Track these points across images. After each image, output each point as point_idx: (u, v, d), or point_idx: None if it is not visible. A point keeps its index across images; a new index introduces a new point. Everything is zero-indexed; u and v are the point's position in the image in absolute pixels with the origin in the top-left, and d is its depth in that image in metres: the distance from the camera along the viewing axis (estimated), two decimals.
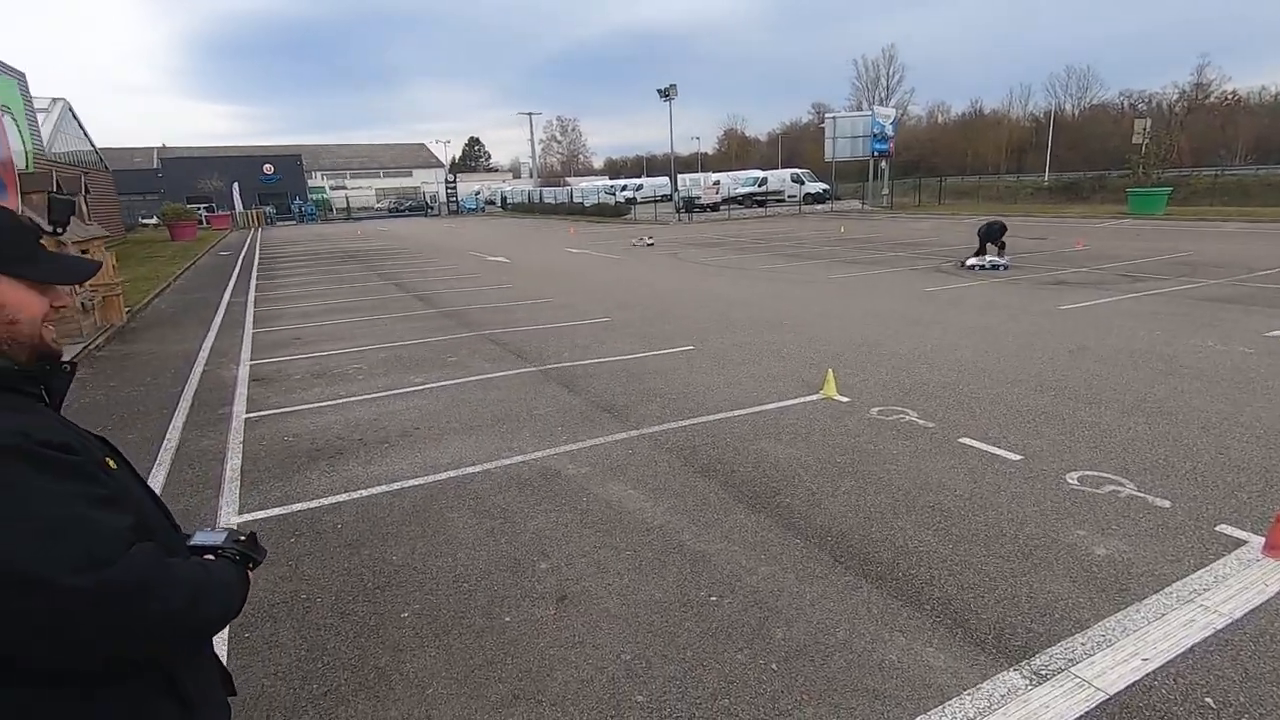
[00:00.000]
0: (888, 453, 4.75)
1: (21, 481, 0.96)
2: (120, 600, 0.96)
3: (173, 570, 1.06)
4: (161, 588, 1.01)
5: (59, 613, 0.93)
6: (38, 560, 0.92)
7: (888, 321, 9.04)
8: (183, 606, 1.04)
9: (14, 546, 0.92)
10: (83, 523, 0.98)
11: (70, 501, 0.98)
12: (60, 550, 0.93)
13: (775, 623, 2.97)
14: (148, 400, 6.84)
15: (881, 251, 17.69)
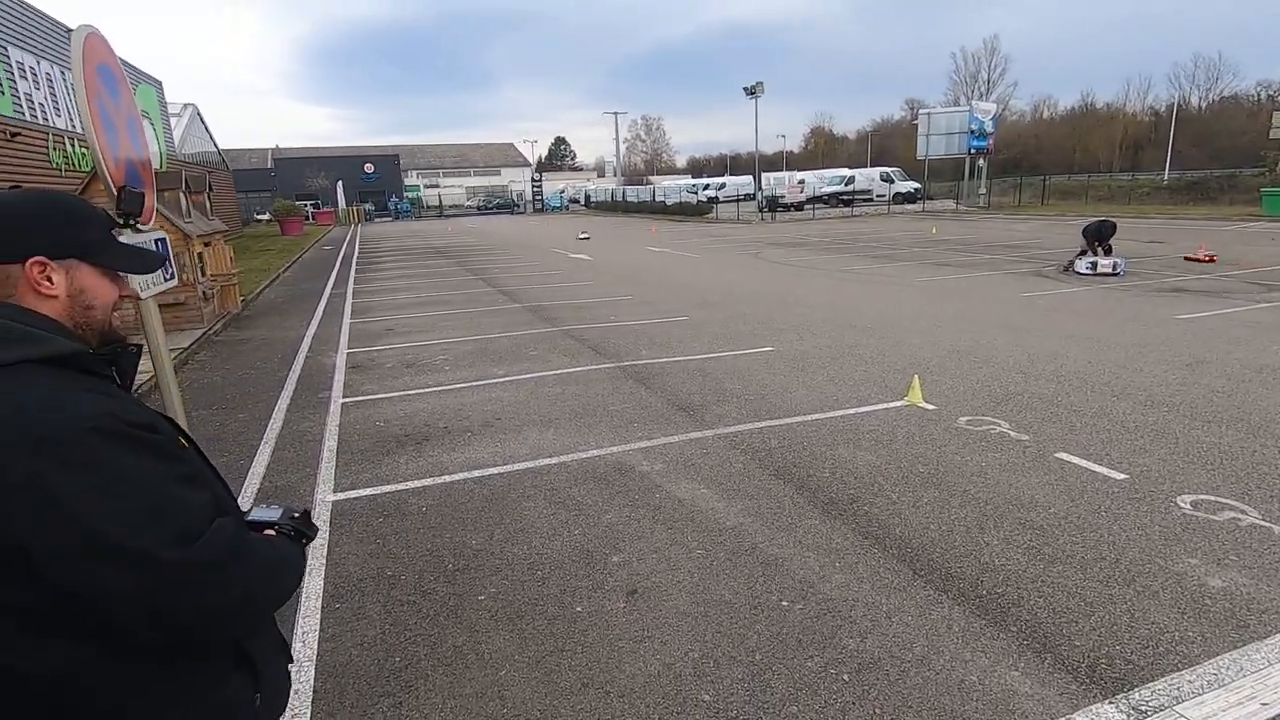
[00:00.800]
0: (975, 465, 4.53)
1: (117, 461, 1.00)
2: (208, 572, 1.02)
3: (252, 544, 1.12)
4: (242, 560, 1.07)
5: (156, 584, 0.98)
6: (137, 535, 0.97)
7: (980, 327, 8.60)
8: (260, 579, 1.10)
9: (115, 522, 0.96)
10: (173, 500, 1.03)
11: (160, 479, 1.03)
12: (157, 526, 0.99)
13: (848, 633, 2.89)
14: (257, 383, 7.38)
15: (976, 254, 16.85)
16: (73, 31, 2.17)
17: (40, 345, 1.05)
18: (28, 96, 16.22)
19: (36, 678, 1.01)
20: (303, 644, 2.98)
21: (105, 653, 1.03)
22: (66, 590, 0.97)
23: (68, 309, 1.15)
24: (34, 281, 1.12)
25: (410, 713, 2.56)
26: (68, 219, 1.16)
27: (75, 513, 0.95)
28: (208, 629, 1.07)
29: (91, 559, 0.95)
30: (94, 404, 1.03)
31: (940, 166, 46.75)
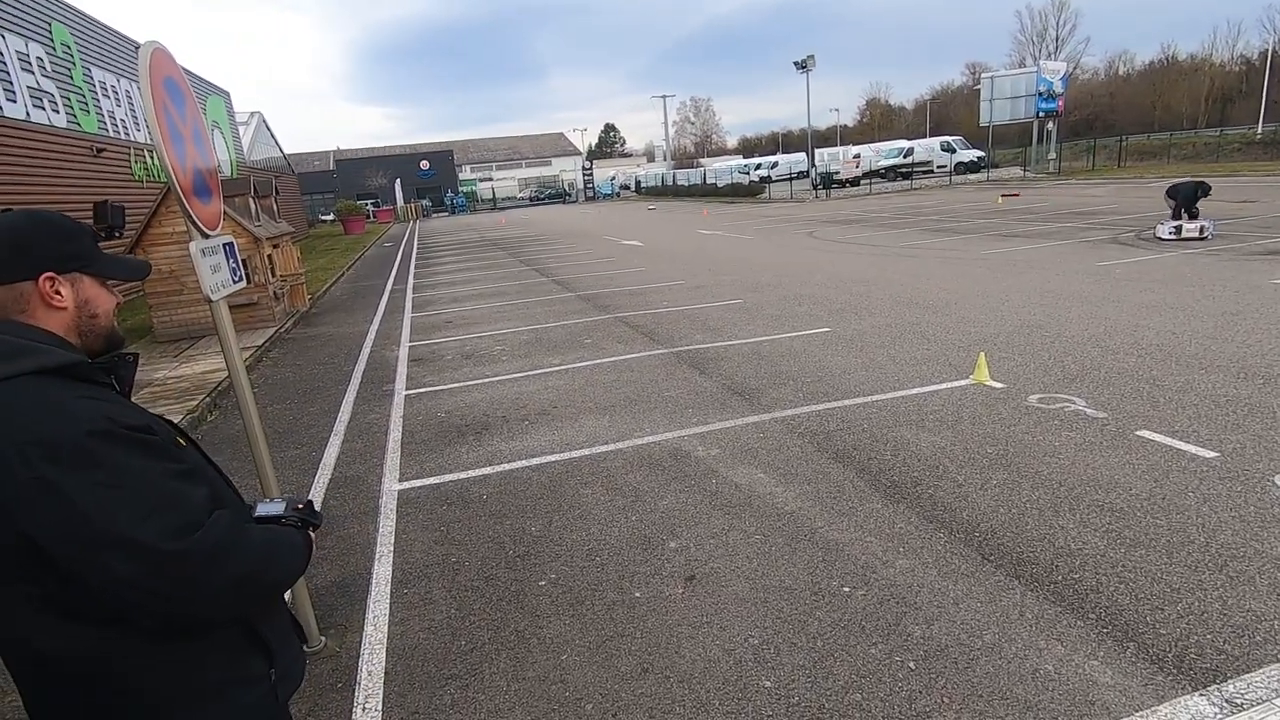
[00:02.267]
0: (1048, 445, 4.33)
1: (116, 461, 1.07)
2: (207, 560, 1.08)
3: (247, 534, 1.19)
4: (239, 549, 1.14)
5: (158, 573, 1.05)
6: (139, 528, 1.04)
7: (1052, 300, 8.18)
8: (258, 566, 1.17)
9: (119, 517, 1.03)
10: (172, 494, 1.10)
11: (158, 476, 1.10)
12: (157, 519, 1.06)
13: (914, 619, 2.82)
14: (326, 377, 7.69)
15: (1046, 223, 16.01)
16: (139, 48, 2.27)
17: (39, 357, 1.11)
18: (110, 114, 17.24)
19: (61, 660, 1.10)
20: (374, 627, 3.10)
21: (122, 635, 1.10)
22: (79, 581, 1.05)
23: (75, 319, 1.22)
24: (46, 296, 1.19)
25: (476, 695, 2.64)
26: (66, 235, 1.23)
27: (81, 510, 1.01)
28: (209, 612, 1.14)
29: (100, 552, 1.02)
30: (91, 409, 1.09)
31: (1005, 133, 44.53)
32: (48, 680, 1.13)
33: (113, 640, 1.10)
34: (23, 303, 1.17)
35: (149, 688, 1.15)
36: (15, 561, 1.04)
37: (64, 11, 15.70)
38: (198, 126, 2.58)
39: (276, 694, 1.31)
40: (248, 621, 1.25)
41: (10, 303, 1.16)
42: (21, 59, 13.45)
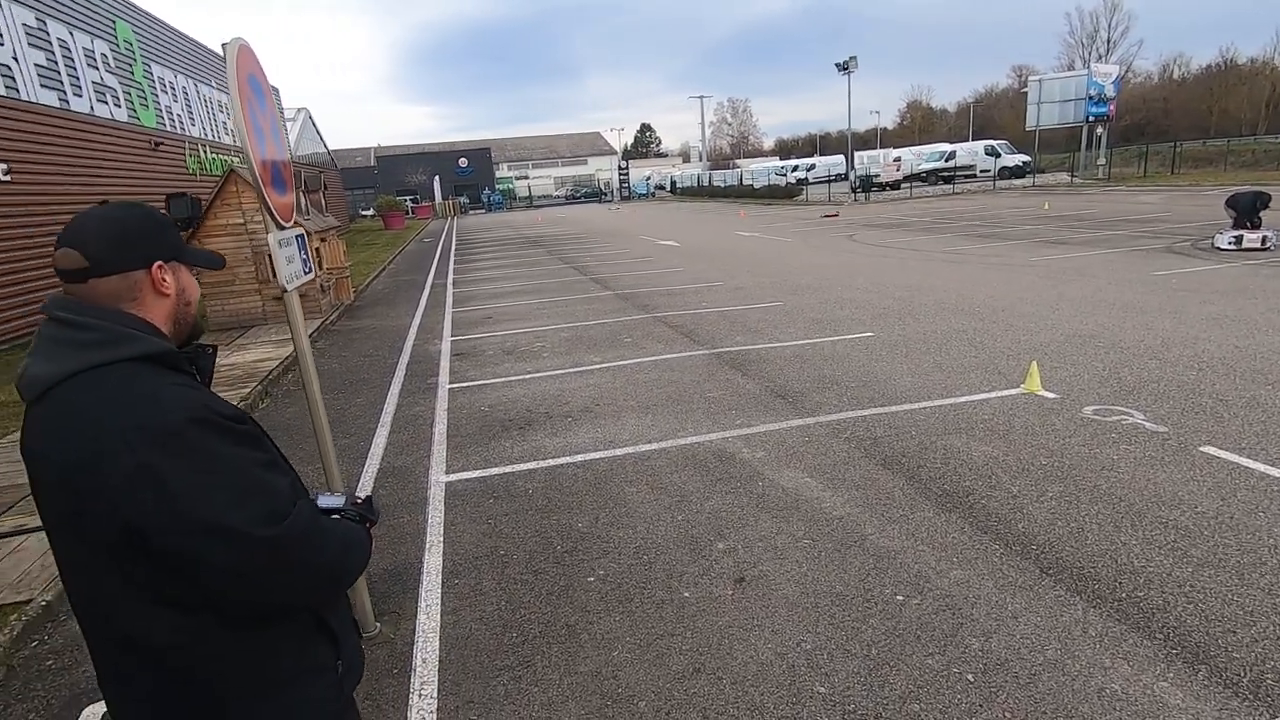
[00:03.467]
0: (1106, 458, 4.21)
1: (213, 449, 1.09)
2: (293, 549, 1.12)
3: (328, 525, 1.22)
4: (322, 538, 1.18)
5: (249, 559, 1.08)
6: (233, 515, 1.06)
7: (1105, 309, 7.95)
8: (336, 556, 1.21)
9: (214, 503, 1.06)
10: (262, 483, 1.12)
11: (250, 465, 1.13)
12: (249, 506, 1.08)
13: (970, 631, 2.76)
14: (371, 369, 7.84)
15: (1096, 230, 15.57)
16: (226, 45, 2.34)
17: (137, 345, 1.14)
18: (168, 109, 17.81)
19: (148, 644, 1.12)
20: (427, 616, 3.15)
21: (207, 621, 1.12)
22: (173, 565, 1.07)
23: (174, 306, 1.25)
24: (157, 283, 1.22)
25: (529, 687, 2.66)
26: (166, 224, 1.27)
27: (180, 496, 1.04)
28: (292, 598, 1.18)
29: (195, 537, 1.05)
30: (190, 397, 1.12)
31: (1052, 137, 43.39)
32: (131, 663, 1.15)
33: (198, 626, 1.12)
34: (135, 290, 1.19)
35: (228, 673, 1.16)
36: (114, 545, 1.06)
37: (128, 10, 16.26)
38: (274, 121, 2.65)
39: (343, 685, 1.32)
40: (317, 611, 1.27)
41: (124, 291, 1.18)
42: (88, 55, 13.97)
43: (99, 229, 1.17)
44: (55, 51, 12.81)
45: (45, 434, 1.09)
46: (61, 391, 1.09)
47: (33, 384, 1.11)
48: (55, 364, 1.10)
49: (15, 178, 10.91)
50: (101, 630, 1.16)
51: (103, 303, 1.16)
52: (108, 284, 1.16)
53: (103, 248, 1.16)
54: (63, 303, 1.15)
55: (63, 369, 1.09)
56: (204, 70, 20.97)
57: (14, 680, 2.98)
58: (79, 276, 1.15)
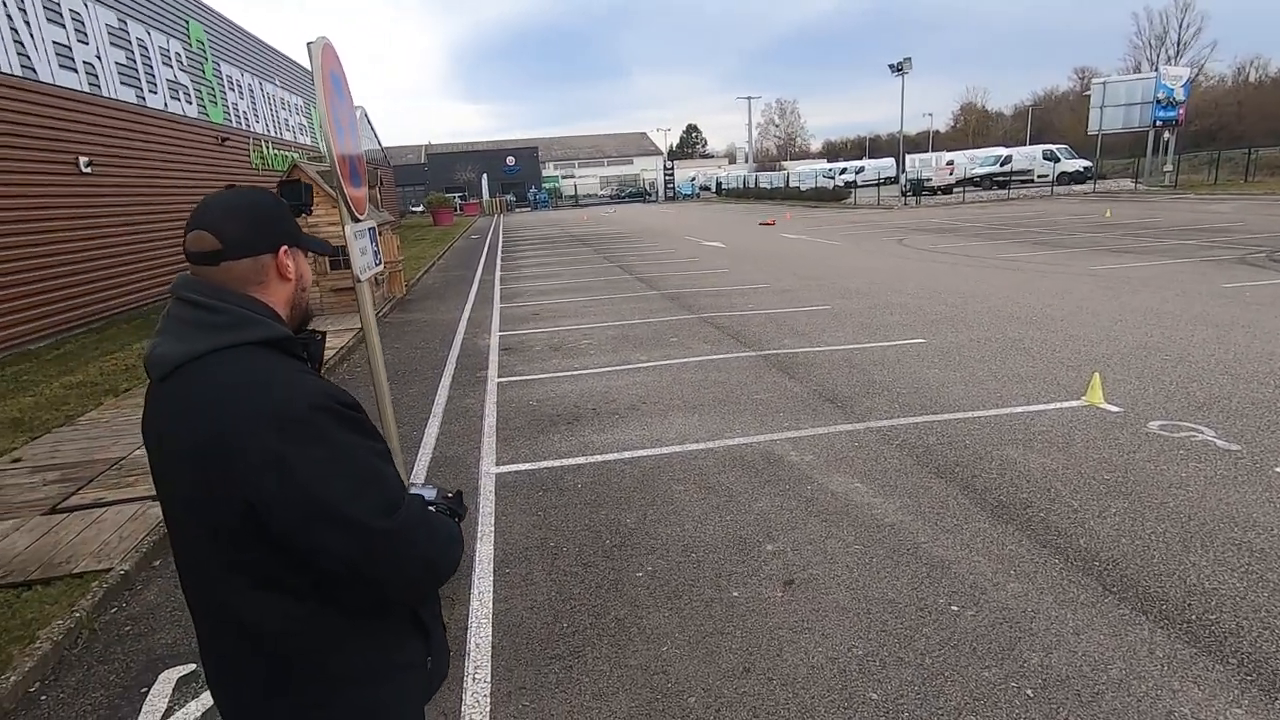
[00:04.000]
0: (1173, 476, 4.05)
1: (335, 437, 1.08)
2: (405, 541, 1.11)
3: (435, 519, 1.21)
4: (432, 531, 1.17)
5: (365, 548, 1.07)
6: (353, 505, 1.06)
7: (1172, 321, 7.64)
8: (443, 548, 1.19)
9: (336, 492, 1.05)
10: (379, 473, 1.12)
11: (368, 454, 1.12)
12: (367, 497, 1.08)
13: (1030, 646, 2.70)
14: (423, 362, 8.03)
15: (1162, 239, 14.95)
16: (311, 43, 2.44)
17: (262, 329, 1.14)
18: (234, 105, 18.52)
19: (260, 630, 1.12)
20: (480, 602, 3.23)
21: (320, 609, 1.13)
22: (290, 552, 1.07)
23: (294, 291, 1.26)
24: (282, 268, 1.23)
25: (579, 676, 2.70)
26: (286, 210, 1.27)
27: (303, 483, 1.03)
28: (402, 590, 1.17)
29: (316, 525, 1.05)
30: (314, 384, 1.12)
31: (1115, 142, 41.74)
32: (242, 648, 1.15)
33: (306, 614, 1.12)
34: (262, 274, 1.20)
35: (335, 662, 1.16)
36: (234, 528, 1.06)
37: (200, 10, 16.97)
38: (352, 117, 2.75)
39: (430, 681, 1.32)
40: (412, 606, 1.27)
41: (252, 274, 1.19)
42: (163, 54, 14.63)
43: (231, 212, 1.18)
44: (134, 50, 13.45)
45: (174, 414, 1.11)
46: (189, 371, 1.10)
47: (161, 363, 1.12)
48: (184, 344, 1.11)
49: (95, 170, 11.50)
50: (212, 614, 1.18)
51: (232, 285, 1.17)
52: (239, 267, 1.17)
53: (236, 231, 1.17)
54: (192, 284, 1.16)
55: (192, 349, 1.10)
56: (268, 68, 21.73)
57: (95, 644, 3.16)
58: (211, 259, 1.16)
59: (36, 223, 10.03)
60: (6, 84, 9.72)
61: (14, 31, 9.96)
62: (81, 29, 11.70)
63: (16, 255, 9.54)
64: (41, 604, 3.30)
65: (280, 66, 22.77)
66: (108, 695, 2.82)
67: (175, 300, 1.16)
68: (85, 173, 11.26)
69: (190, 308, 1.13)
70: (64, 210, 10.71)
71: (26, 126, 10.03)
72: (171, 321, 1.14)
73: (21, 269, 9.60)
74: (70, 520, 4.17)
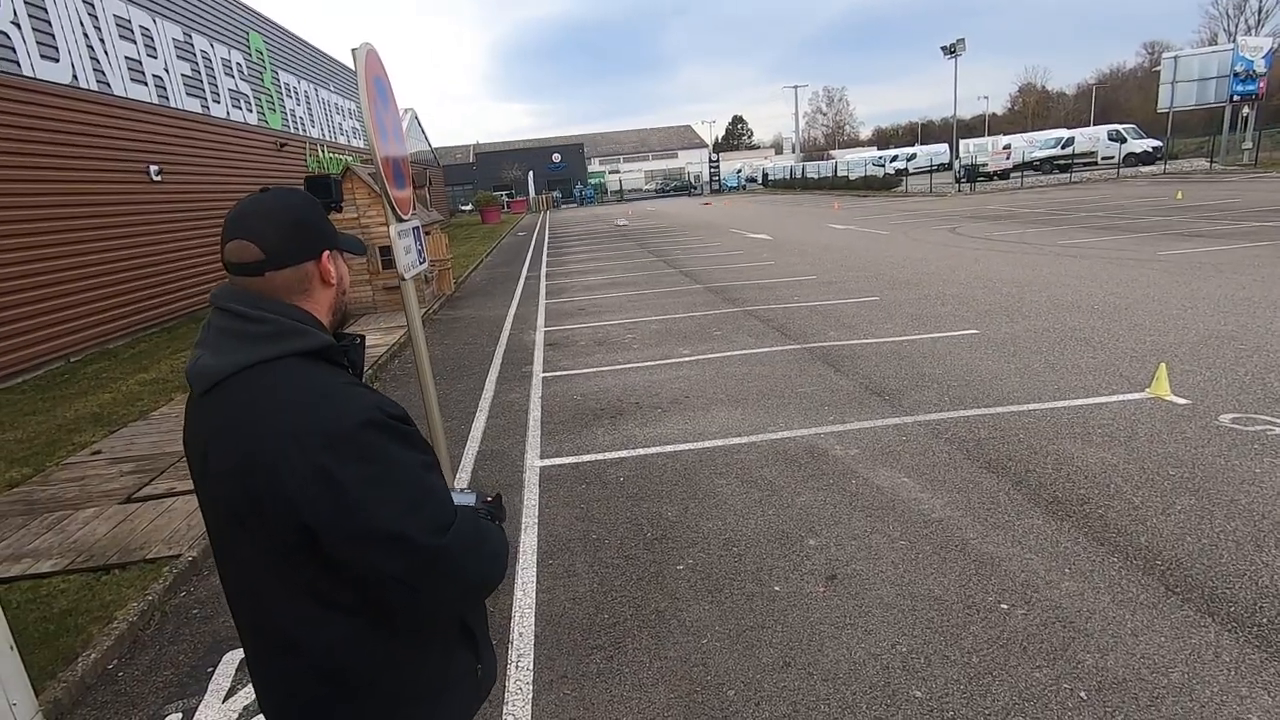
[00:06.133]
0: (1246, 471, 3.83)
1: (385, 452, 1.05)
2: (461, 556, 1.09)
3: (487, 531, 1.18)
4: (485, 546, 1.15)
5: (420, 568, 1.05)
6: (405, 523, 1.03)
7: (1248, 308, 7.21)
8: (494, 560, 1.17)
9: (388, 510, 1.02)
10: (429, 490, 1.09)
11: (417, 469, 1.08)
12: (421, 515, 1.05)
13: (1084, 647, 2.60)
14: (470, 357, 8.20)
15: (1239, 222, 14.09)
16: (355, 50, 2.52)
17: (306, 339, 1.10)
18: (291, 112, 19.22)
19: (312, 648, 1.10)
20: (523, 592, 3.29)
21: (371, 626, 1.10)
22: (342, 570, 1.05)
23: (335, 296, 1.22)
24: (325, 273, 1.19)
25: (620, 667, 2.73)
26: (322, 213, 1.23)
27: (356, 501, 1.01)
28: (455, 604, 1.17)
29: (368, 544, 1.02)
30: (362, 397, 1.08)
31: (1186, 120, 39.49)
32: (291, 664, 1.12)
33: (358, 630, 1.10)
34: (306, 282, 1.16)
35: (389, 679, 1.13)
36: (287, 545, 1.04)
37: (259, 21, 17.65)
38: (396, 120, 2.83)
39: (480, 689, 1.30)
40: (459, 617, 1.25)
41: (296, 283, 1.15)
42: (225, 65, 15.29)
43: (272, 220, 1.13)
44: (199, 62, 14.10)
45: (220, 429, 1.08)
46: (235, 385, 1.07)
47: (203, 376, 1.09)
48: (228, 356, 1.08)
49: (165, 177, 12.12)
50: (264, 632, 1.14)
51: (276, 295, 1.13)
52: (282, 276, 1.13)
53: (278, 239, 1.13)
54: (233, 294, 1.13)
55: (235, 362, 1.07)
56: (323, 75, 22.46)
57: (166, 625, 3.35)
58: (254, 270, 1.12)
59: (113, 229, 10.64)
60: (85, 98, 10.32)
61: (90, 49, 10.56)
62: (150, 43, 12.32)
63: (96, 260, 10.14)
64: (119, 587, 3.52)
65: (334, 72, 23.51)
66: (177, 674, 2.99)
67: (216, 311, 1.14)
68: (156, 181, 11.87)
69: (233, 318, 1.11)
70: (137, 217, 11.32)
71: (102, 138, 10.63)
72: (214, 333, 1.12)
73: (101, 273, 10.20)
74: (144, 509, 4.43)
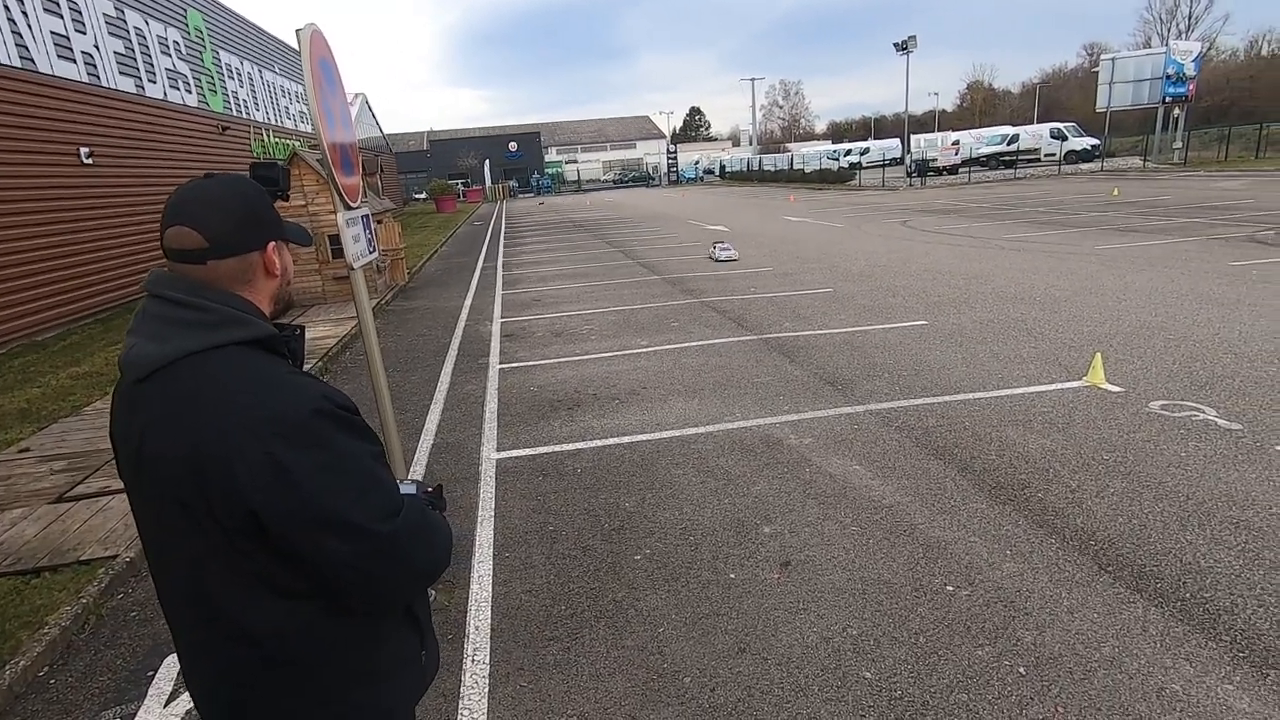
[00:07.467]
0: (1173, 455, 4.04)
1: (335, 441, 1.05)
2: (409, 542, 1.10)
3: (435, 519, 1.21)
4: (431, 532, 1.17)
5: (371, 555, 1.06)
6: (355, 510, 1.04)
7: (1177, 300, 7.58)
8: (443, 548, 1.20)
9: (339, 499, 1.03)
10: (377, 478, 1.10)
11: (367, 459, 1.09)
12: (370, 501, 1.06)
13: (1023, 625, 2.72)
14: (425, 349, 8.06)
15: (1169, 217, 14.79)
16: (300, 30, 2.43)
17: (248, 328, 1.09)
18: (234, 94, 18.46)
19: (263, 636, 1.09)
20: (479, 586, 3.26)
21: (319, 613, 1.11)
22: (292, 557, 1.05)
23: (278, 286, 1.19)
24: (270, 264, 1.16)
25: (577, 658, 2.74)
26: (269, 201, 1.19)
27: (305, 490, 1.01)
28: (405, 593, 1.18)
29: (321, 531, 1.02)
30: (312, 388, 1.08)
31: (1124, 120, 41.26)
32: (234, 653, 1.11)
33: (306, 616, 1.10)
34: (250, 272, 1.14)
35: (332, 663, 1.14)
36: (234, 533, 1.03)
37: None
38: (343, 105, 2.74)
39: (425, 675, 1.32)
40: (404, 602, 1.25)
41: (239, 272, 1.12)
42: (161, 43, 14.58)
43: (217, 207, 1.10)
44: (132, 39, 13.40)
45: (161, 418, 1.05)
46: (175, 373, 1.04)
47: (140, 364, 1.06)
48: (167, 344, 1.05)
49: (96, 160, 11.51)
50: (202, 618, 1.12)
51: (217, 284, 1.10)
52: (226, 266, 1.10)
53: (223, 228, 1.09)
54: (171, 281, 1.09)
55: (176, 349, 1.04)
56: (267, 56, 21.63)
57: (103, 629, 3.21)
58: (196, 257, 1.08)
59: (40, 214, 10.08)
60: (8, 76, 9.72)
61: (11, 23, 9.94)
62: (79, 18, 11.66)
63: (21, 247, 9.59)
64: (50, 590, 3.36)
65: (279, 54, 22.66)
66: (114, 680, 2.87)
67: (152, 298, 1.10)
68: (86, 163, 11.28)
69: (171, 305, 1.07)
70: (67, 201, 10.74)
71: (27, 118, 10.04)
72: (150, 320, 1.08)
73: (27, 260, 9.66)
74: (77, 508, 4.23)
